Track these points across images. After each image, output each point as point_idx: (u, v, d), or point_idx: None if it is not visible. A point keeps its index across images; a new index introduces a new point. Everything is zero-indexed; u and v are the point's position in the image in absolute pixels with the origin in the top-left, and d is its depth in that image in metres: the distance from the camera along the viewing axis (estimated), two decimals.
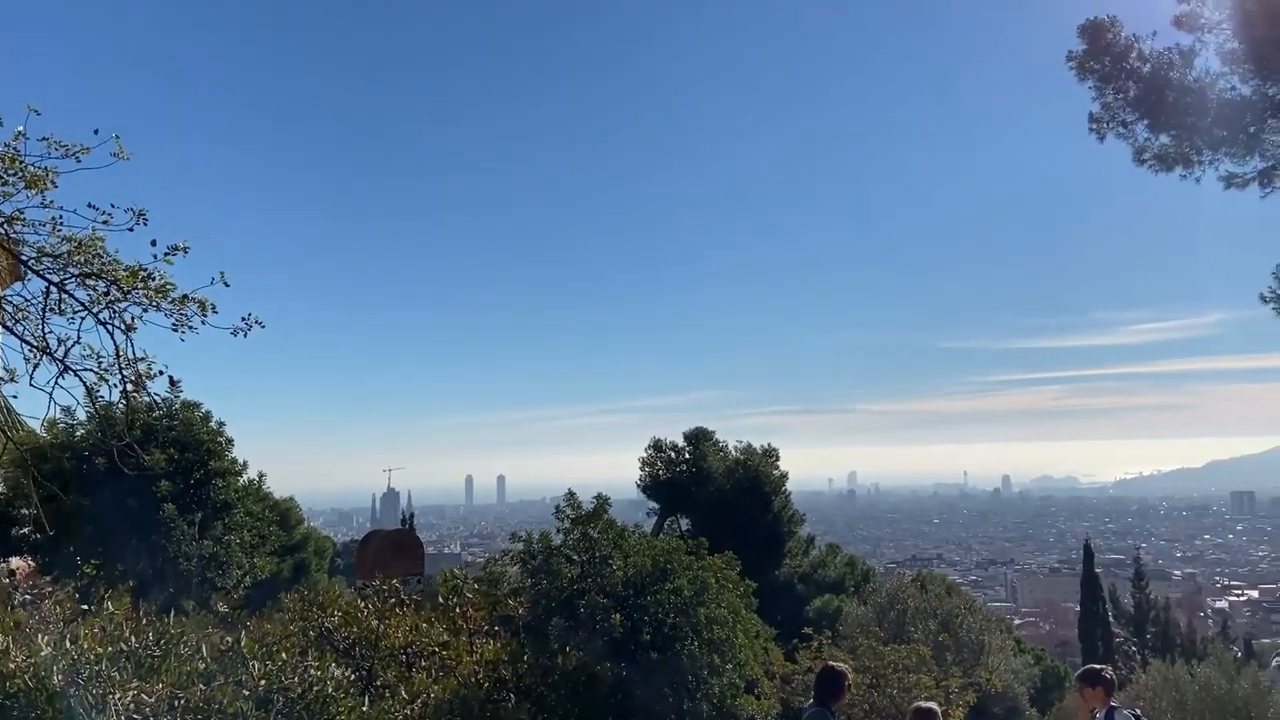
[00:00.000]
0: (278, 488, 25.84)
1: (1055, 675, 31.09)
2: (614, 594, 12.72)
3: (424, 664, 11.17)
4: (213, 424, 20.71)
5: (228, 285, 5.93)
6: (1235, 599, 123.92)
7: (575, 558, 13.54)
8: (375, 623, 10.95)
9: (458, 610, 12.74)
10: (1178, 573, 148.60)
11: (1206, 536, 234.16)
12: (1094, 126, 9.16)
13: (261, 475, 23.05)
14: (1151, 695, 20.21)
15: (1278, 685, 19.35)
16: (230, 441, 21.00)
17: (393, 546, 20.03)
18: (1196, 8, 8.45)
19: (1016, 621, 79.67)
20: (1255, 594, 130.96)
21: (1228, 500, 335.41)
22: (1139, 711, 7.71)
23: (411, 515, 39.29)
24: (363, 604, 11.52)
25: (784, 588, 29.53)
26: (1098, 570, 45.05)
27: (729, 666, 12.74)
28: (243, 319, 6.21)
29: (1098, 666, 8.09)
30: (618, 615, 12.23)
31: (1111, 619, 41.72)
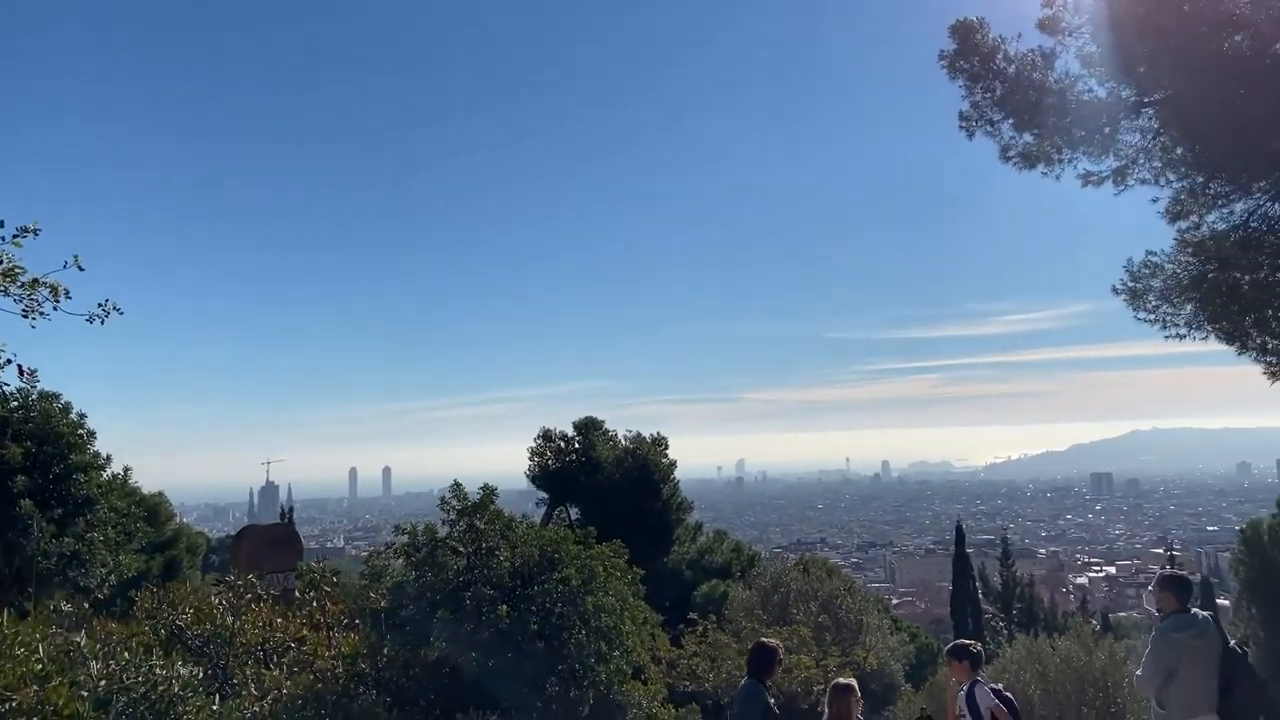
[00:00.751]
0: (147, 482, 24.75)
1: (929, 651, 32.42)
2: (501, 585, 12.59)
3: (282, 660, 10.87)
4: (73, 416, 19.65)
5: (82, 269, 5.60)
6: (1094, 575, 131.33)
7: (461, 549, 13.33)
8: (230, 619, 10.58)
9: (315, 604, 12.41)
10: (1042, 551, 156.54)
11: (1069, 516, 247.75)
12: (963, 124, 9.51)
13: (127, 469, 22.00)
14: (1016, 668, 21.26)
15: (1132, 656, 20.61)
16: (92, 434, 19.99)
17: (270, 541, 19.39)
18: (1058, 12, 8.85)
19: (894, 601, 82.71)
20: (1112, 570, 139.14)
21: (1088, 482, 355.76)
22: (1000, 685, 8.04)
23: (291, 509, 38.27)
24: (217, 600, 11.11)
25: (672, 574, 29.86)
26: (969, 550, 47.15)
27: (616, 654, 12.78)
28: (99, 305, 5.88)
29: (964, 642, 8.41)
30: (504, 606, 12.12)
31: (981, 596, 43.73)
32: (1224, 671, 7.38)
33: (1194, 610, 7.73)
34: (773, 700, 7.90)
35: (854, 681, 7.88)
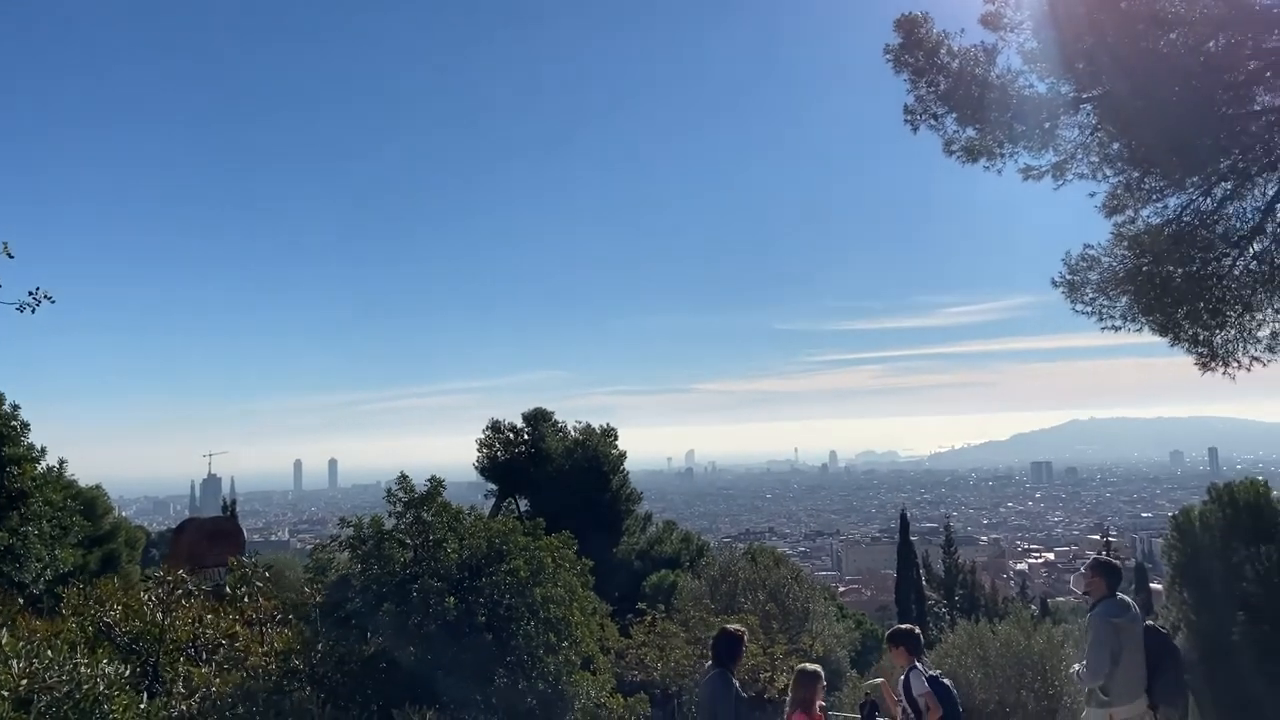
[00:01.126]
0: (84, 475, 24.14)
1: (874, 638, 32.96)
2: (449, 577, 12.50)
3: (213, 657, 10.69)
4: (5, 407, 19.06)
5: (11, 256, 5.44)
6: (1034, 561, 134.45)
7: (408, 542, 13.22)
8: (160, 615, 10.37)
9: (246, 600, 12.21)
10: (984, 538, 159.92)
11: (1010, 504, 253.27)
12: (908, 118, 9.60)
13: (63, 462, 21.41)
14: (958, 653, 21.72)
15: (1070, 640, 21.14)
16: (26, 425, 19.40)
17: (210, 535, 19.04)
18: (1000, 8, 8.97)
19: (841, 589, 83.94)
20: (1051, 556, 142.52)
21: (1028, 470, 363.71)
22: (938, 672, 8.12)
23: (233, 502, 37.55)
24: (146, 596, 10.88)
25: (621, 565, 29.94)
26: (913, 538, 47.99)
27: (565, 645, 12.78)
28: (30, 294, 5.72)
29: (902, 627, 8.52)
30: (452, 599, 12.04)
31: (925, 583, 44.56)
32: (1151, 652, 7.62)
33: (1121, 595, 7.96)
34: (739, 685, 7.94)
35: (820, 669, 7.97)
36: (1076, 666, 7.94)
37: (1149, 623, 7.94)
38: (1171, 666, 7.72)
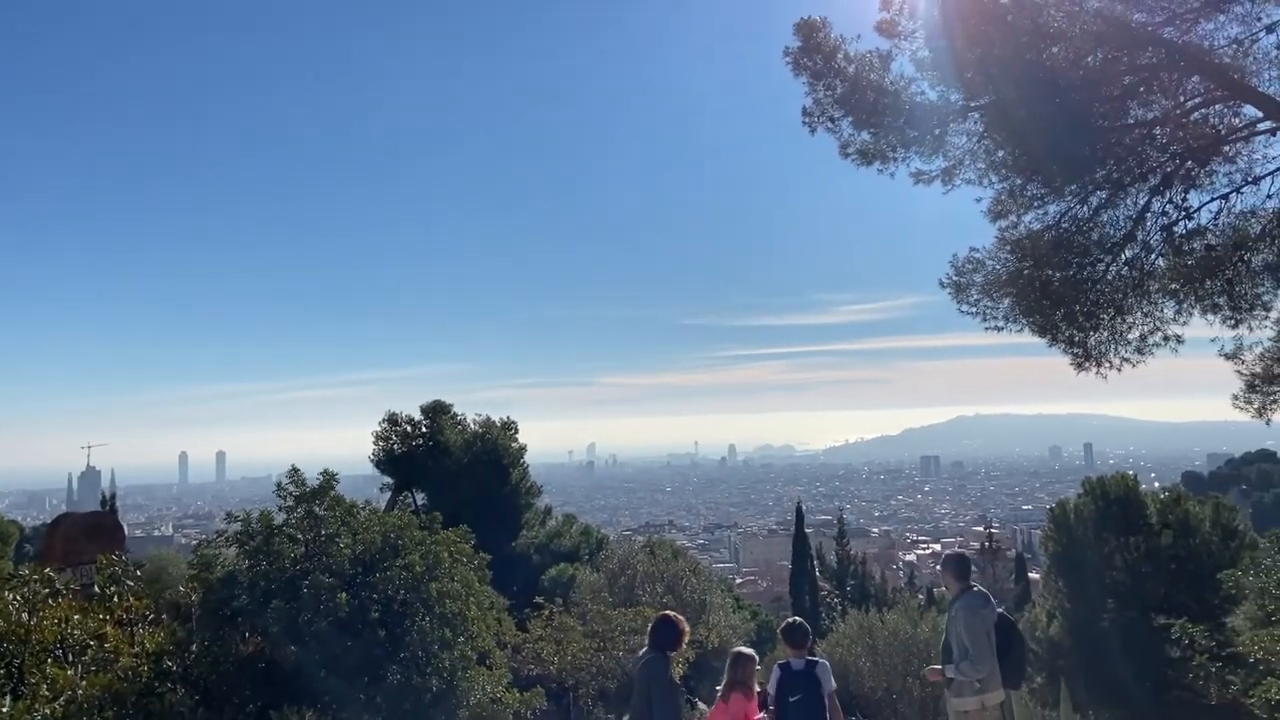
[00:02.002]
0: None
1: (769, 629, 33.57)
2: (341, 573, 12.24)
3: (81, 659, 10.24)
4: None
5: None
6: (921, 552, 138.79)
7: (299, 537, 12.88)
8: (25, 616, 9.87)
9: (117, 599, 11.73)
10: (875, 530, 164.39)
11: (900, 497, 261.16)
12: (806, 120, 9.79)
13: None
14: (849, 642, 22.36)
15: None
16: None
17: (88, 530, 18.10)
18: (895, 16, 9.24)
19: (738, 580, 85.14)
20: (938, 547, 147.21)
21: (918, 464, 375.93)
22: (815, 659, 8.12)
23: (113, 495, 35.87)
24: (11, 596, 10.34)
25: (520, 558, 29.78)
26: (808, 530, 49.11)
27: (460, 640, 12.66)
28: None
29: (789, 621, 8.69)
30: (344, 595, 11.79)
31: (818, 574, 45.64)
32: (1000, 637, 8.03)
33: (978, 587, 8.35)
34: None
35: (754, 651, 8.12)
36: (949, 668, 8.18)
37: (1000, 610, 8.35)
38: (1016, 648, 8.17)
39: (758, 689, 8.04)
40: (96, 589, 12.17)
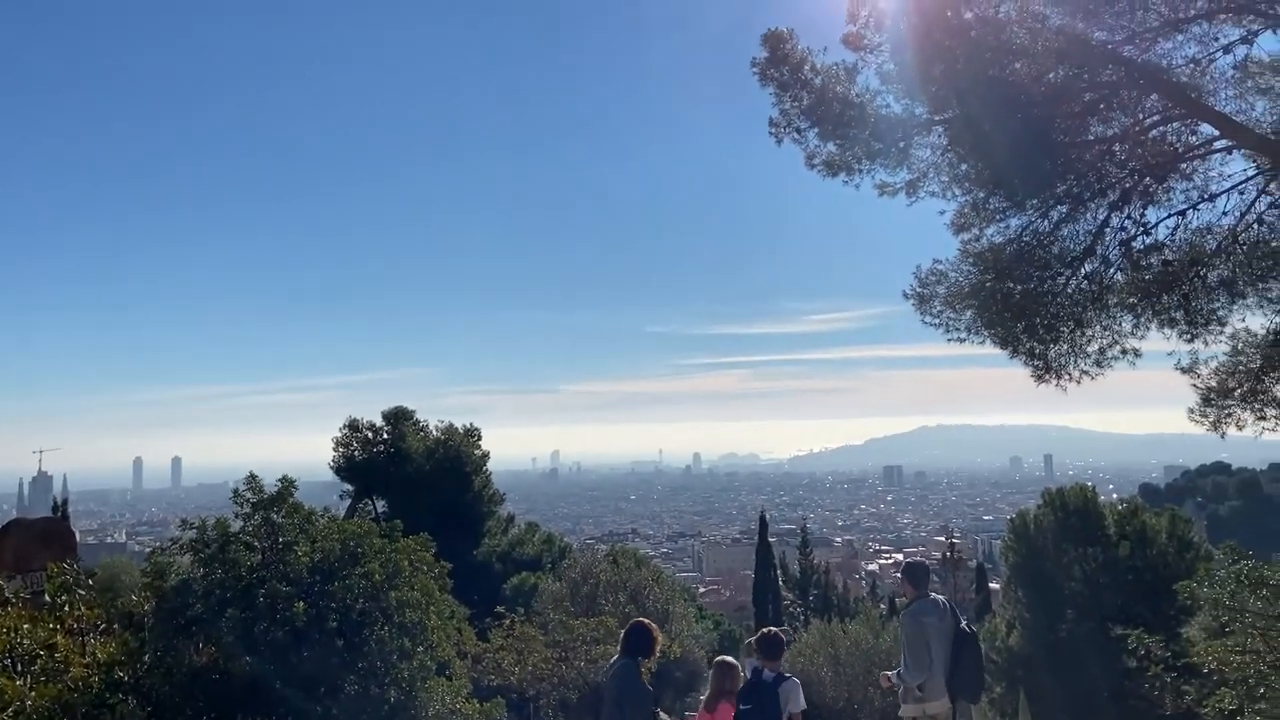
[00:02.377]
0: None
1: (732, 638, 33.67)
2: (299, 582, 12.05)
3: (33, 668, 10.01)
4: None
5: None
6: (884, 562, 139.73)
7: (256, 544, 12.67)
8: None
9: (68, 608, 11.48)
10: (838, 539, 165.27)
11: (863, 506, 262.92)
12: (773, 131, 9.84)
13: None
14: (811, 651, 22.43)
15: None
16: None
17: (38, 536, 17.66)
18: (861, 29, 9.31)
19: (701, 590, 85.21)
20: (900, 556, 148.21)
21: (881, 474, 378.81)
22: (785, 676, 8.14)
23: (65, 501, 35.06)
24: None
25: (482, 567, 29.58)
26: (771, 540, 49.22)
27: (420, 650, 12.51)
28: None
29: (768, 632, 8.67)
30: (301, 604, 11.60)
31: (781, 584, 45.77)
32: (955, 648, 8.06)
33: (933, 595, 8.38)
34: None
35: (735, 660, 8.43)
36: (893, 673, 8.24)
37: (962, 624, 8.37)
38: (970, 657, 8.18)
39: None
40: (47, 597, 11.89)
